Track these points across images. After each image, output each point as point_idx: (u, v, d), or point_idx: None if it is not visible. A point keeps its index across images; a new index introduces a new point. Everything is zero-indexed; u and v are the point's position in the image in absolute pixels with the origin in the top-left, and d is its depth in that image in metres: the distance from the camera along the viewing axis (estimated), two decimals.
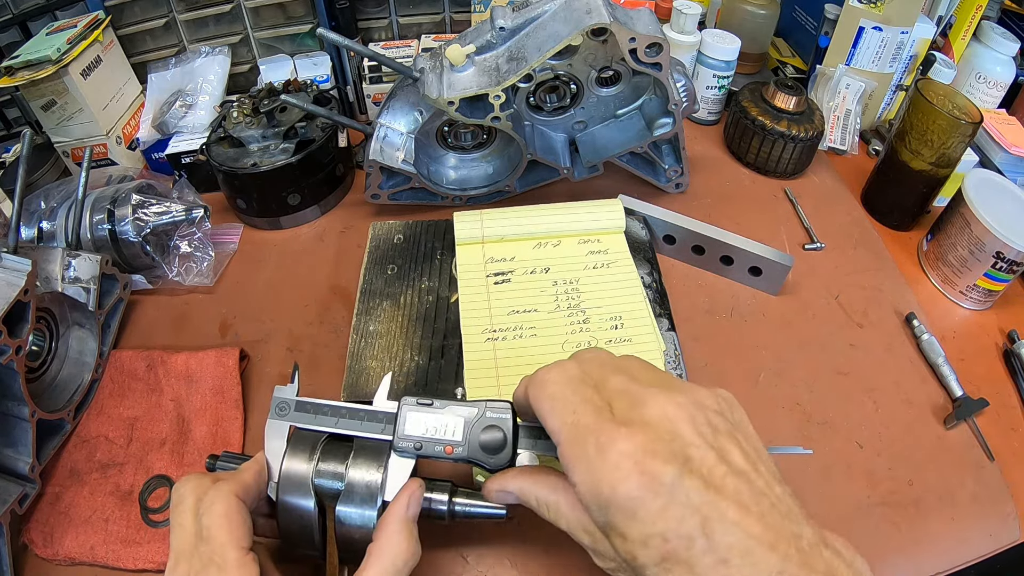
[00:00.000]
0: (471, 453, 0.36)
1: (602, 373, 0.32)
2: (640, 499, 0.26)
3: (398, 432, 0.37)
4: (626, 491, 0.27)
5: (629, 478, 0.27)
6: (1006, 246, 0.55)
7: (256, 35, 0.82)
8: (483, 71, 0.57)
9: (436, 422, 0.37)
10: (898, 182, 0.67)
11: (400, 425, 0.37)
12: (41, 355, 0.51)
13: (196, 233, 0.62)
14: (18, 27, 0.72)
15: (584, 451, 0.28)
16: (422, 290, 0.56)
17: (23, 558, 0.45)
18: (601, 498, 0.28)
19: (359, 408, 0.38)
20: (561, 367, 0.33)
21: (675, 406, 0.29)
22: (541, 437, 0.37)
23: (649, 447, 0.27)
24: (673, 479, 0.26)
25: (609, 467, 0.27)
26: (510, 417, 0.37)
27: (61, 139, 0.71)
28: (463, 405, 0.37)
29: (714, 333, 0.58)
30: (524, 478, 0.35)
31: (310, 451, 0.37)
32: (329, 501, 0.36)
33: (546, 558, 0.43)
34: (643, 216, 0.62)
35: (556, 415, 0.31)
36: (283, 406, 0.38)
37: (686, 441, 0.28)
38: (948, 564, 0.45)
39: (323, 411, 0.38)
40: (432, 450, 0.37)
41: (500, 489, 0.36)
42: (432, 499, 0.38)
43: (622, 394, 0.31)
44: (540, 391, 0.32)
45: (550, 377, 0.33)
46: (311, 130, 0.66)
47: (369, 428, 0.37)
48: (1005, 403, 0.54)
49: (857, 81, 0.77)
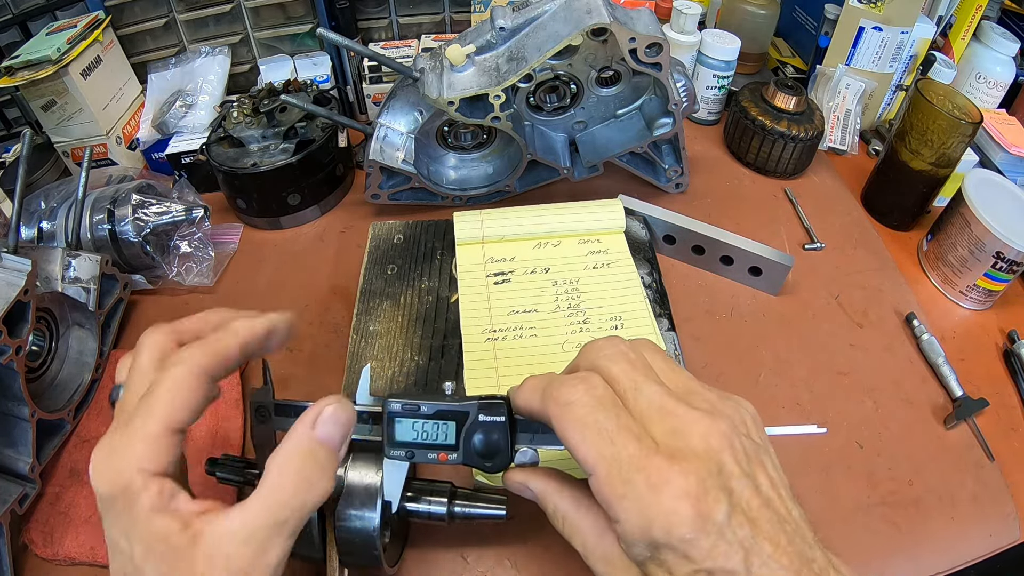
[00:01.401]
0: (466, 459, 0.34)
1: (631, 381, 0.30)
2: (694, 540, 0.26)
3: (387, 440, 0.34)
4: (681, 533, 0.26)
5: (686, 520, 0.26)
6: (1006, 246, 0.55)
7: (256, 35, 0.82)
8: (483, 71, 0.57)
9: (427, 427, 0.35)
10: (898, 182, 0.67)
11: (388, 432, 0.34)
12: (41, 355, 0.51)
13: (196, 233, 0.62)
14: (18, 27, 0.72)
15: (633, 489, 0.27)
16: (422, 290, 0.56)
17: (23, 558, 0.45)
18: (652, 538, 0.26)
19: None
20: (586, 385, 0.29)
21: (719, 436, 0.28)
22: (540, 431, 0.34)
23: (702, 485, 0.26)
24: (724, 517, 0.26)
25: (665, 509, 0.26)
26: (505, 417, 0.35)
27: (61, 139, 0.71)
28: (453, 407, 0.35)
29: (714, 333, 0.58)
30: (550, 482, 0.33)
31: None
32: (328, 504, 0.36)
33: (546, 558, 0.43)
34: (643, 216, 0.62)
35: (591, 446, 0.28)
36: (262, 412, 0.35)
37: (729, 473, 0.27)
38: (948, 564, 0.45)
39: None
40: (425, 457, 0.34)
41: (522, 483, 0.34)
42: (432, 500, 0.38)
43: (660, 415, 0.29)
44: (566, 414, 0.29)
45: (576, 398, 0.29)
46: (311, 130, 0.66)
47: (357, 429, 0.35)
48: (1005, 403, 0.54)
49: (857, 81, 0.77)
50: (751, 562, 0.26)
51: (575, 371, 0.32)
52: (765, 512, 0.27)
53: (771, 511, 0.27)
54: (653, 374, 0.30)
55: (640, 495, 0.26)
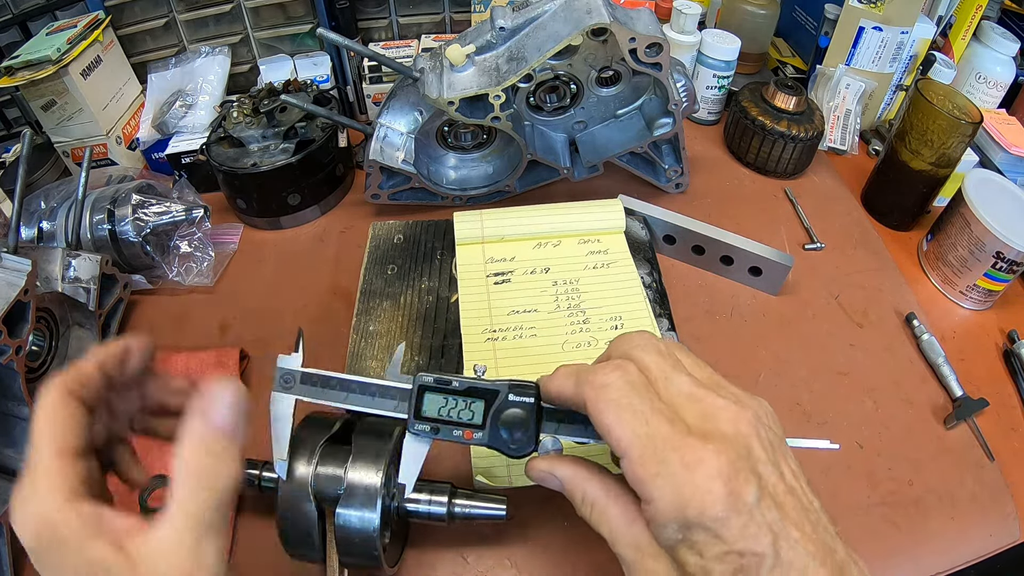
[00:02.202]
0: (491, 439, 0.34)
1: (661, 370, 0.31)
2: (726, 519, 0.26)
3: (414, 413, 0.34)
4: (714, 512, 0.26)
5: (719, 499, 0.26)
6: (1006, 246, 0.55)
7: (256, 35, 0.82)
8: (483, 71, 0.57)
9: (455, 403, 0.34)
10: (898, 182, 0.67)
11: (416, 406, 0.34)
12: (41, 355, 0.51)
13: (196, 233, 0.62)
14: (18, 27, 0.72)
15: (667, 468, 0.27)
16: (422, 290, 0.56)
17: (23, 558, 0.45)
18: (685, 517, 0.27)
19: (371, 382, 0.35)
20: (621, 370, 0.31)
21: (746, 422, 0.29)
22: (565, 421, 0.35)
23: (733, 466, 0.27)
24: (754, 499, 0.27)
25: (699, 487, 0.27)
26: (534, 400, 0.34)
27: (61, 139, 0.71)
28: (485, 385, 0.35)
29: (714, 333, 0.58)
30: (578, 469, 0.33)
31: (309, 454, 0.36)
32: (328, 504, 0.36)
33: (546, 558, 0.43)
34: (643, 216, 0.62)
35: (625, 425, 0.29)
36: (288, 377, 0.35)
37: (756, 458, 0.28)
38: (948, 564, 0.45)
39: (331, 384, 0.35)
40: (450, 434, 0.34)
41: (548, 471, 0.34)
42: (432, 500, 0.38)
43: (689, 401, 0.30)
44: (601, 395, 0.30)
45: (611, 381, 0.30)
46: (311, 130, 0.66)
47: (381, 405, 0.35)
48: (1005, 403, 0.54)
49: (857, 81, 0.77)
50: (779, 546, 0.26)
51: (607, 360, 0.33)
52: (790, 499, 0.28)
53: (796, 499, 0.28)
54: (682, 366, 0.32)
55: (674, 473, 0.27)
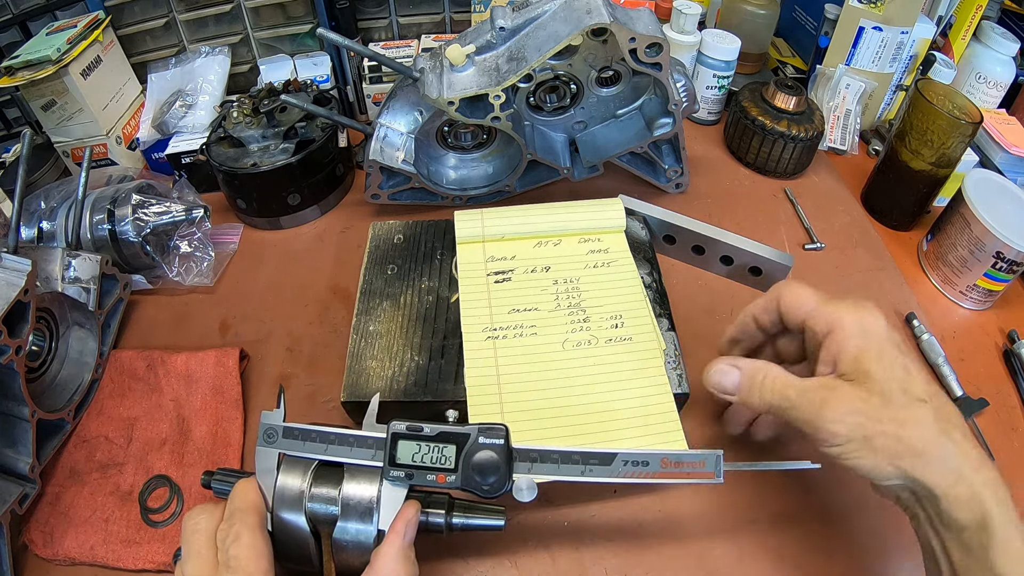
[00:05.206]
0: (464, 482, 0.36)
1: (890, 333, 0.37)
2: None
3: (388, 460, 0.36)
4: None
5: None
6: (1006, 246, 0.55)
7: (256, 35, 0.82)
8: (483, 71, 0.57)
9: (428, 449, 0.37)
10: (898, 182, 0.67)
11: (391, 453, 0.36)
12: (41, 355, 0.51)
13: (196, 233, 0.62)
14: (18, 27, 0.72)
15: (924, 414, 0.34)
16: (422, 290, 0.56)
17: (23, 558, 0.45)
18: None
19: (348, 433, 0.37)
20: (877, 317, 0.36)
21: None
22: (538, 460, 0.37)
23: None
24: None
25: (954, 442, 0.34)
26: (505, 442, 0.37)
27: (61, 139, 0.71)
28: (455, 429, 0.37)
29: (714, 333, 0.57)
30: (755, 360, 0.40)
31: (302, 476, 0.37)
32: (324, 526, 0.36)
33: (546, 558, 0.43)
34: (643, 216, 0.62)
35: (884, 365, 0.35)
36: (271, 432, 0.37)
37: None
38: None
39: (311, 437, 0.37)
40: (424, 479, 0.36)
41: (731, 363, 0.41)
42: (429, 513, 0.38)
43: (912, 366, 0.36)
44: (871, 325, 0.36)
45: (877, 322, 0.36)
46: (311, 130, 0.66)
47: (359, 455, 0.37)
48: (1005, 403, 0.54)
49: (857, 81, 0.77)
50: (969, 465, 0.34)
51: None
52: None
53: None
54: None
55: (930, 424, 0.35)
